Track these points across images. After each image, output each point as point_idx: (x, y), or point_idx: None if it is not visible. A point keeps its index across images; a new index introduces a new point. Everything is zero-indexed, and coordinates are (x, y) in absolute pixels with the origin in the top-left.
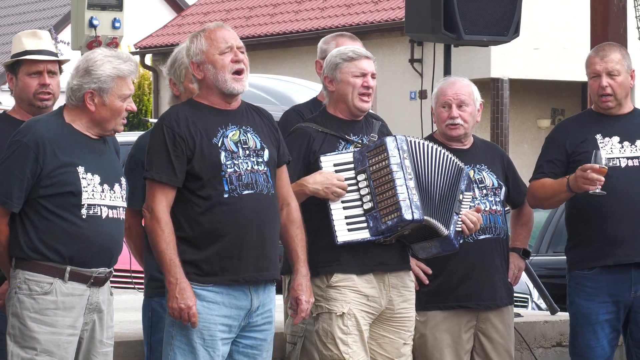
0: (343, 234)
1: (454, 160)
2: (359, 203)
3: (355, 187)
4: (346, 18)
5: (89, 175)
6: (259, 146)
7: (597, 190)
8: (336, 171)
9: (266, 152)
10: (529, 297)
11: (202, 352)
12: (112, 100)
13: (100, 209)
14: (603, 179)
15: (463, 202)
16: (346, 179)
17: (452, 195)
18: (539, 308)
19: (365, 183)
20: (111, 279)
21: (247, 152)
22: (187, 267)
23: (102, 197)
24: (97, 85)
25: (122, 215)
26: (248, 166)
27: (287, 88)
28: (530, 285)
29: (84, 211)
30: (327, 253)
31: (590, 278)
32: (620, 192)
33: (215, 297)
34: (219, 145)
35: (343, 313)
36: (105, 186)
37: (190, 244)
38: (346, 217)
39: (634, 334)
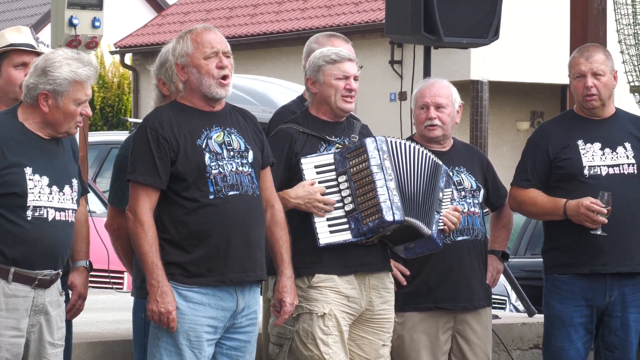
0: (325, 236)
1: (431, 158)
2: (340, 205)
3: (336, 189)
4: (327, 19)
5: (37, 176)
6: (243, 147)
7: (599, 232)
8: (317, 173)
9: (250, 154)
10: (506, 299)
11: (188, 353)
12: (66, 104)
13: (47, 211)
14: (606, 220)
15: (443, 200)
16: (327, 181)
17: (432, 194)
18: (517, 310)
19: (346, 184)
20: (90, 279)
21: (232, 153)
22: (173, 268)
23: (49, 199)
24: (52, 87)
25: (72, 218)
26: (233, 167)
27: (267, 88)
28: (508, 287)
29: (29, 213)
30: (309, 254)
31: (566, 282)
32: (605, 227)
33: (201, 298)
34: (203, 146)
35: (324, 313)
36: (54, 188)
37: (175, 245)
38: (328, 219)
39: (605, 337)
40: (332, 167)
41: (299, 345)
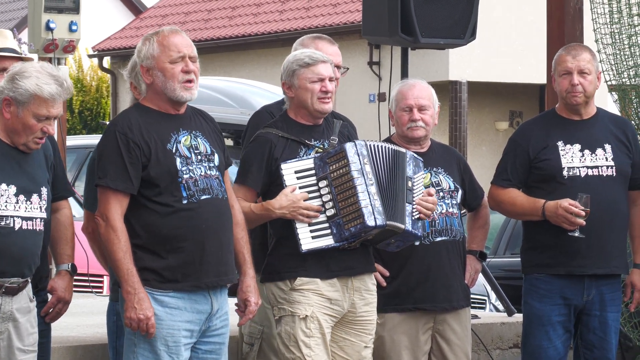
0: (307, 242)
1: (393, 149)
2: (321, 210)
3: (317, 194)
4: (305, 21)
5: (3, 185)
6: (209, 151)
7: (577, 234)
8: (297, 178)
9: (216, 157)
10: (486, 298)
11: (166, 359)
12: (25, 116)
13: (13, 220)
14: (584, 222)
15: (414, 188)
16: (308, 186)
17: (400, 186)
18: (497, 310)
19: (327, 190)
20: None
21: (199, 157)
22: (147, 274)
23: (16, 208)
24: (14, 95)
25: (40, 227)
26: (202, 171)
27: (246, 91)
28: (488, 287)
29: None
30: (291, 259)
31: (544, 281)
32: (583, 229)
33: (177, 302)
34: (174, 151)
35: (306, 316)
36: (22, 197)
37: (147, 250)
38: (309, 225)
39: (583, 336)
40: (313, 172)
41: (281, 347)
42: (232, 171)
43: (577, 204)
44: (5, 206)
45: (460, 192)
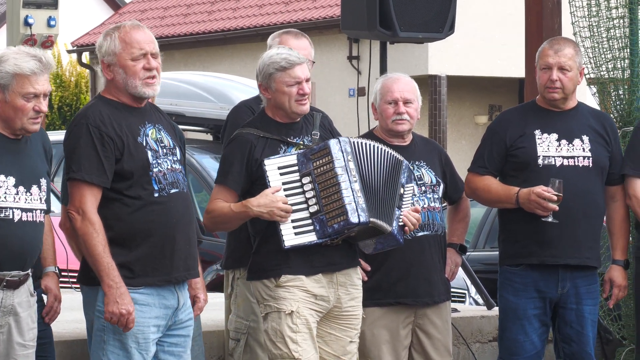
0: (290, 238)
1: (393, 154)
2: (304, 206)
3: (300, 190)
4: (284, 15)
5: (2, 177)
6: (172, 145)
7: (550, 219)
8: (281, 174)
9: (178, 151)
10: (466, 292)
11: (137, 356)
12: (13, 98)
13: (13, 212)
14: (557, 207)
15: (405, 196)
16: (291, 182)
17: (393, 189)
18: (477, 303)
19: (310, 186)
20: None
21: (165, 150)
22: (118, 269)
23: (15, 199)
24: None
25: (40, 218)
26: (168, 165)
27: (225, 86)
28: (468, 281)
29: None
30: (275, 256)
31: (518, 274)
32: (556, 214)
33: (147, 299)
34: (144, 144)
35: (292, 311)
36: (21, 188)
37: (117, 244)
38: (292, 221)
39: (561, 329)
40: (296, 168)
41: (268, 344)
42: (213, 166)
43: (550, 189)
44: (5, 197)
45: (441, 186)
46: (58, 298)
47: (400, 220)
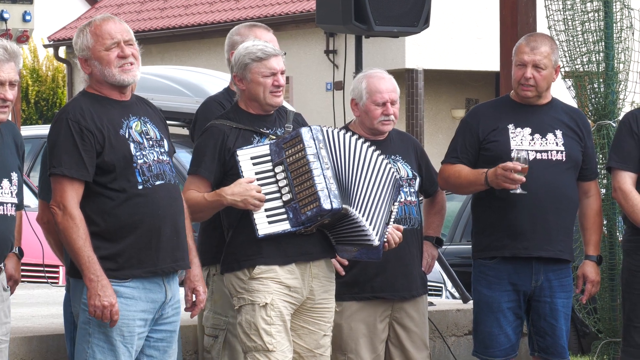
0: (264, 227)
1: (388, 166)
2: (277, 195)
3: (273, 179)
4: (261, 9)
5: None
6: (159, 137)
7: (518, 190)
8: (253, 164)
9: (165, 143)
10: (442, 285)
11: (122, 349)
12: None
13: None
14: (524, 178)
15: (393, 212)
16: (264, 172)
17: (387, 206)
18: (453, 297)
19: (283, 175)
20: (23, 273)
21: (151, 142)
22: (102, 263)
23: None
24: None
25: (11, 212)
26: (154, 157)
27: (201, 80)
28: (444, 274)
29: None
30: (248, 246)
31: (492, 267)
32: (525, 185)
33: (132, 292)
34: (127, 136)
35: (266, 304)
36: None
37: (103, 238)
38: (266, 210)
39: (535, 322)
40: (269, 157)
41: (242, 337)
42: (190, 160)
43: (515, 162)
44: None
45: (418, 179)
46: (13, 277)
47: (385, 237)
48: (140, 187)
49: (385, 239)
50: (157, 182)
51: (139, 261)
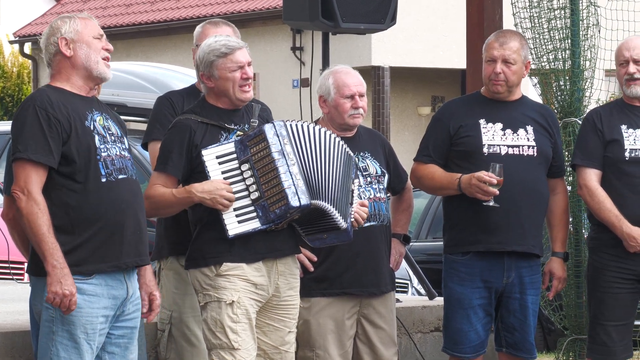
0: (234, 227)
1: (343, 146)
2: (246, 193)
3: (240, 178)
4: (227, 6)
5: None
6: (119, 134)
7: (491, 203)
8: (219, 163)
9: (125, 140)
10: (409, 282)
11: (85, 347)
12: None
13: None
14: (497, 191)
15: (355, 191)
16: (230, 170)
17: (347, 186)
18: (419, 293)
19: (249, 173)
20: None
21: (113, 137)
22: (65, 259)
23: None
24: None
25: None
26: (117, 151)
27: (167, 76)
28: (410, 271)
29: None
30: (217, 244)
31: (464, 263)
32: (497, 198)
33: (95, 289)
34: (92, 128)
35: (233, 301)
36: None
37: (65, 232)
38: (235, 209)
39: (504, 319)
40: (234, 156)
41: (207, 333)
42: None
43: (491, 173)
44: None
45: (386, 176)
46: None
47: (352, 216)
48: (104, 179)
49: (352, 219)
50: (120, 176)
51: (102, 256)
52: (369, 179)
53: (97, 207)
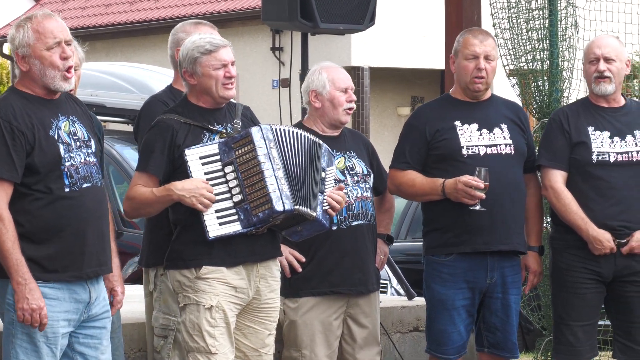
0: (214, 229)
1: (311, 139)
2: (228, 196)
3: (223, 180)
4: (207, 6)
5: None
6: (86, 137)
7: (477, 207)
8: (202, 164)
9: (93, 143)
10: (388, 282)
11: (45, 350)
12: None
13: None
14: (484, 195)
15: (326, 180)
16: (213, 172)
17: (314, 174)
18: (398, 294)
19: (233, 175)
20: None
21: (78, 143)
22: (27, 265)
23: None
24: None
25: None
26: (81, 158)
27: (146, 76)
28: (389, 271)
29: None
30: (196, 246)
31: (447, 265)
32: (484, 202)
33: (56, 293)
34: (56, 138)
35: (211, 306)
36: None
37: (28, 239)
38: (216, 211)
39: (486, 318)
40: (218, 157)
41: (185, 336)
42: (134, 158)
43: (476, 178)
44: None
45: (372, 175)
46: None
47: (325, 204)
48: (67, 189)
49: (325, 207)
50: (85, 185)
51: (63, 266)
52: (356, 177)
53: (59, 218)
